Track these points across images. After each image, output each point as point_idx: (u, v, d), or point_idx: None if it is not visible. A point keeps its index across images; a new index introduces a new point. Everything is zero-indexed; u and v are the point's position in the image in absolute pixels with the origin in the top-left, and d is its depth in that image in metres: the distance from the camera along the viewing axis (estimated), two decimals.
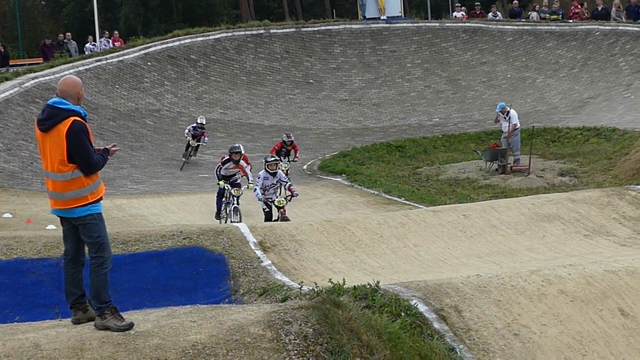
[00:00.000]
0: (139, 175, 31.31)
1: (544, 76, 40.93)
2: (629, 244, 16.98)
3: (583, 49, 41.63)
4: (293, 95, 40.72)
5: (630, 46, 40.42)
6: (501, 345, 11.23)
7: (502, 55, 42.75)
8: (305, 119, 39.15)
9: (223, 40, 42.44)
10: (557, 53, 41.99)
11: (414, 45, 43.53)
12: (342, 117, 39.61)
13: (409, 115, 39.52)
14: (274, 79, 41.49)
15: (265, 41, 43.03)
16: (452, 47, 43.43)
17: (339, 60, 42.85)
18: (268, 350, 9.17)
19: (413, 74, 42.27)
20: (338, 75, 42.23)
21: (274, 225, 17.60)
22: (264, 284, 14.73)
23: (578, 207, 18.47)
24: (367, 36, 44.02)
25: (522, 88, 40.47)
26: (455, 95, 40.82)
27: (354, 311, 10.25)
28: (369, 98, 41.01)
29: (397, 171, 30.31)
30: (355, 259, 16.44)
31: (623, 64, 39.67)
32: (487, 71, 41.97)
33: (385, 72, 42.46)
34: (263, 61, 42.19)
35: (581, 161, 28.52)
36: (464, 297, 11.94)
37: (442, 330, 11.25)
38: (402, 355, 10.00)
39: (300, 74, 41.89)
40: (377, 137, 35.96)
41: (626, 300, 12.10)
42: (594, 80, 39.51)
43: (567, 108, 37.75)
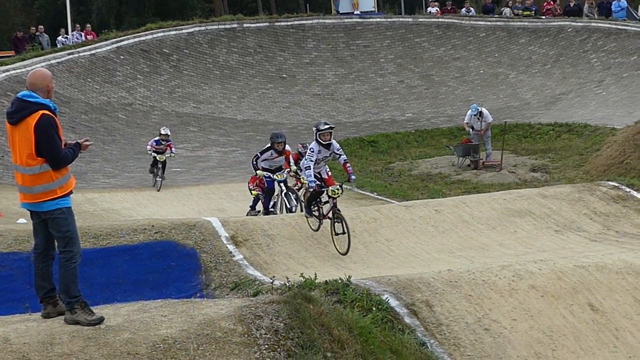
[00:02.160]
0: (111, 169, 31.19)
1: (517, 72, 41.05)
2: (600, 240, 17.07)
3: (555, 45, 41.79)
4: (266, 90, 40.65)
5: (602, 43, 40.61)
6: (472, 340, 11.26)
7: (475, 51, 42.84)
8: (278, 114, 39.09)
9: (196, 34, 42.29)
10: (530, 49, 42.13)
11: (387, 41, 43.55)
12: (315, 111, 39.58)
13: (382, 111, 39.54)
14: (247, 74, 41.40)
15: (239, 35, 42.92)
16: (425, 42, 43.48)
17: (312, 55, 42.81)
18: (239, 345, 9.16)
19: (386, 69, 42.29)
20: (311, 70, 42.19)
21: (245, 220, 17.57)
22: (236, 278, 14.71)
23: (549, 203, 18.55)
24: (340, 31, 43.99)
25: (494, 84, 40.57)
26: (428, 90, 40.87)
27: (325, 306, 10.25)
28: (342, 93, 41.00)
29: (370, 166, 30.33)
30: (327, 253, 16.46)
31: (595, 61, 39.85)
32: (460, 67, 42.04)
33: (359, 67, 42.45)
34: (236, 55, 42.09)
35: (553, 157, 28.63)
36: (435, 292, 11.97)
37: (413, 325, 11.27)
38: (373, 349, 10.00)
39: (273, 69, 41.82)
40: (350, 132, 35.97)
41: (596, 295, 12.16)
42: (566, 76, 39.67)
43: (539, 104, 37.88)
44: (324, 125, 16.99)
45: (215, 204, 24.43)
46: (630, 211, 18.46)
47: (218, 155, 33.60)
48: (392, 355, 10.27)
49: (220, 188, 27.00)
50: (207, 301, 10.61)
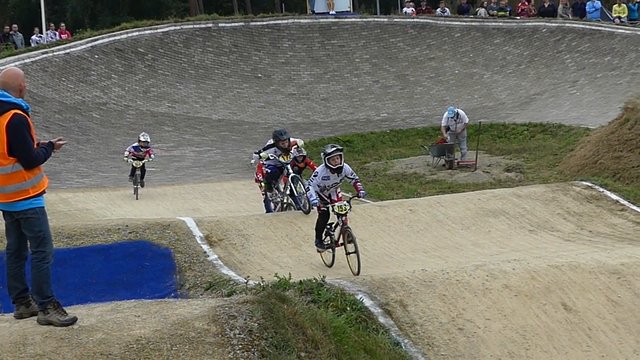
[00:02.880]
0: (85, 168, 31.06)
1: (491, 72, 41.18)
2: (573, 239, 17.15)
3: (530, 45, 41.93)
4: (241, 90, 40.59)
5: (577, 43, 40.78)
6: (446, 340, 11.29)
7: (450, 51, 42.93)
8: (254, 113, 39.05)
9: (171, 34, 42.19)
10: (505, 49, 42.26)
11: (362, 41, 43.58)
12: (291, 111, 39.57)
13: (357, 110, 39.55)
14: (222, 73, 41.33)
15: (214, 35, 42.85)
16: (400, 42, 43.54)
17: (287, 55, 42.78)
18: (212, 345, 9.15)
19: (361, 69, 42.31)
20: (286, 69, 42.17)
21: (220, 220, 17.54)
22: (210, 278, 14.70)
23: (523, 203, 18.62)
24: (315, 31, 43.99)
25: (469, 84, 40.67)
26: (404, 90, 40.92)
27: (299, 306, 10.26)
28: (318, 93, 41.00)
29: None
30: (302, 253, 16.46)
31: (569, 61, 40.02)
32: (435, 67, 42.12)
33: (334, 67, 42.46)
34: (211, 55, 42.01)
35: (527, 157, 28.72)
36: (410, 291, 11.99)
37: (388, 324, 11.29)
38: (347, 349, 10.01)
39: (248, 68, 41.77)
40: (325, 132, 35.96)
41: (569, 295, 12.22)
42: (541, 76, 39.81)
43: (513, 104, 38.00)
44: (331, 148, 15.79)
45: (189, 204, 24.37)
46: (604, 211, 18.56)
47: (193, 155, 33.52)
48: (366, 355, 10.28)
49: (195, 188, 26.95)
50: (181, 301, 10.60)
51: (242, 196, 25.16)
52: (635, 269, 12.74)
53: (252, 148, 33.55)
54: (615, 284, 12.49)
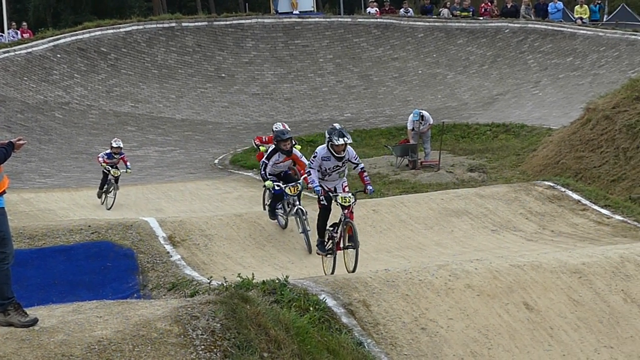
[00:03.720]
0: (47, 169, 30.86)
1: (455, 72, 41.32)
2: (535, 239, 17.25)
3: (493, 46, 42.12)
4: (205, 89, 40.50)
5: (539, 44, 41.01)
6: (409, 339, 11.31)
7: (413, 51, 43.03)
8: (217, 113, 38.97)
9: (134, 33, 42.02)
10: (468, 50, 42.43)
11: (326, 40, 43.60)
12: (254, 111, 39.52)
13: (320, 110, 39.57)
14: (186, 73, 41.22)
15: (177, 34, 42.72)
16: (364, 42, 43.60)
17: (251, 55, 42.73)
18: (175, 346, 9.12)
19: (325, 69, 42.34)
20: (250, 69, 42.11)
21: (183, 220, 17.49)
22: (173, 278, 14.67)
23: (486, 203, 18.70)
24: (279, 30, 43.96)
25: (432, 84, 40.79)
26: (367, 90, 40.98)
27: (262, 306, 10.24)
28: (281, 92, 40.97)
29: None
30: (265, 253, 16.46)
31: (532, 61, 40.24)
32: (399, 67, 42.21)
33: (298, 66, 42.45)
34: (175, 54, 41.88)
35: (490, 157, 28.84)
36: (373, 291, 12.00)
37: (350, 324, 11.30)
38: (310, 349, 10.01)
39: (212, 68, 41.67)
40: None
41: (531, 294, 12.27)
42: (503, 77, 40.01)
43: (476, 104, 38.17)
44: (338, 139, 14.38)
45: (153, 204, 24.27)
46: (566, 211, 18.68)
47: (156, 155, 33.40)
48: (329, 355, 10.28)
49: (159, 188, 26.84)
50: (143, 302, 10.55)
51: (206, 196, 25.09)
52: (596, 269, 12.82)
53: (215, 148, 33.60)
54: (576, 284, 12.56)
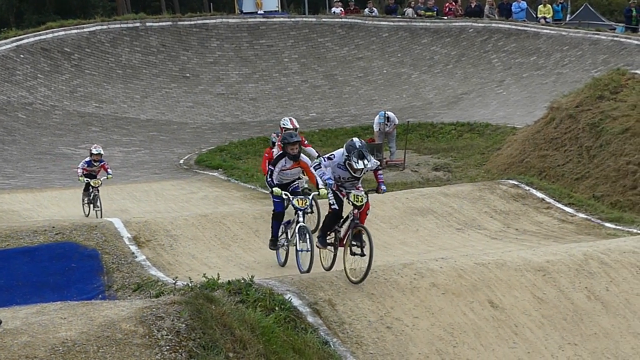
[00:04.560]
0: (10, 169, 30.64)
1: (419, 72, 41.41)
2: (500, 237, 17.33)
3: (457, 45, 42.25)
4: (169, 89, 40.37)
5: (503, 43, 41.19)
6: (374, 338, 11.35)
7: (378, 50, 43.09)
8: (182, 113, 38.85)
9: (98, 33, 41.80)
10: (432, 49, 42.52)
11: (291, 40, 43.58)
12: (219, 111, 39.43)
13: (286, 110, 39.50)
14: (150, 73, 41.06)
15: (142, 34, 42.54)
16: (328, 42, 43.61)
17: (216, 55, 42.62)
18: (140, 347, 9.09)
19: (290, 68, 42.31)
20: (215, 69, 42.00)
21: (148, 220, 17.44)
22: (138, 279, 14.62)
23: (451, 201, 18.77)
24: (244, 30, 43.88)
25: (397, 83, 40.86)
26: (332, 90, 41.00)
27: (228, 306, 10.24)
28: (246, 92, 40.91)
29: None
30: (231, 253, 16.43)
31: (496, 61, 40.41)
32: (364, 66, 42.26)
33: (263, 66, 42.40)
34: (139, 55, 41.70)
35: (455, 156, 28.94)
36: (338, 290, 12.03)
37: (316, 324, 11.32)
38: (275, 349, 10.02)
39: (176, 68, 41.54)
40: (254, 132, 35.89)
41: (496, 292, 12.34)
42: (468, 76, 40.15)
43: (441, 103, 38.28)
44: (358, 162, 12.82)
45: (117, 205, 24.14)
46: (530, 209, 18.78)
47: (121, 156, 33.23)
48: (295, 354, 10.29)
49: (123, 189, 26.70)
50: (108, 303, 10.52)
51: (171, 197, 25.01)
52: (560, 266, 12.91)
53: (180, 148, 33.47)
54: (540, 281, 12.64)
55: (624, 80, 24.74)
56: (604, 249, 13.52)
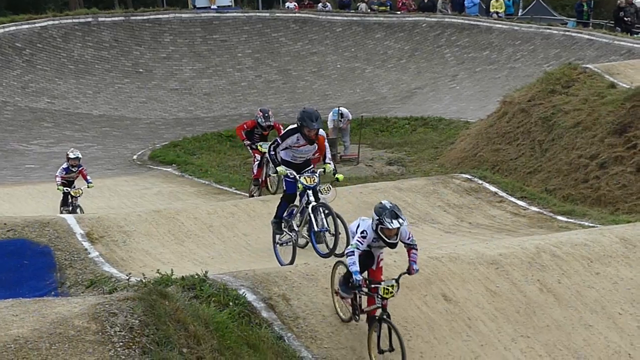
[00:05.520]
0: None
1: (373, 66, 41.50)
2: (453, 231, 17.40)
3: (410, 40, 42.37)
4: (122, 85, 40.15)
5: (456, 38, 41.37)
6: (329, 332, 11.36)
7: (331, 45, 43.12)
8: (135, 109, 38.66)
9: (50, 28, 41.46)
10: (386, 44, 42.63)
11: (244, 35, 43.49)
12: (173, 106, 39.29)
13: (240, 105, 39.47)
14: (103, 68, 40.81)
15: (94, 29, 42.26)
16: (282, 37, 43.58)
17: (169, 50, 42.45)
18: (93, 343, 9.04)
19: (244, 63, 42.24)
20: (168, 64, 41.84)
21: (101, 217, 17.33)
22: (92, 275, 14.53)
23: (404, 196, 18.80)
24: (197, 25, 43.73)
25: (351, 78, 40.92)
26: (286, 85, 40.99)
27: (181, 301, 10.21)
28: (200, 87, 40.79)
29: (228, 161, 30.23)
30: (185, 249, 16.37)
31: (449, 55, 40.59)
32: (317, 61, 42.28)
33: (216, 61, 42.29)
34: (91, 50, 41.44)
35: (409, 150, 29.04)
36: (292, 285, 12.02)
37: (271, 318, 11.31)
38: (229, 344, 10.01)
39: (129, 63, 41.32)
40: (208, 127, 35.79)
41: (449, 285, 12.39)
42: (421, 71, 40.29)
43: (395, 98, 38.39)
44: (392, 222, 11.24)
45: None
46: (483, 203, 18.87)
47: None
48: (249, 349, 10.29)
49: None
50: (60, 299, 10.45)
51: (124, 192, 24.89)
52: (513, 260, 13.00)
53: (133, 144, 33.30)
54: (493, 275, 12.71)
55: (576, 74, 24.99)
56: (556, 242, 13.62)
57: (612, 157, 21.48)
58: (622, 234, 13.97)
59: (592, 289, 12.65)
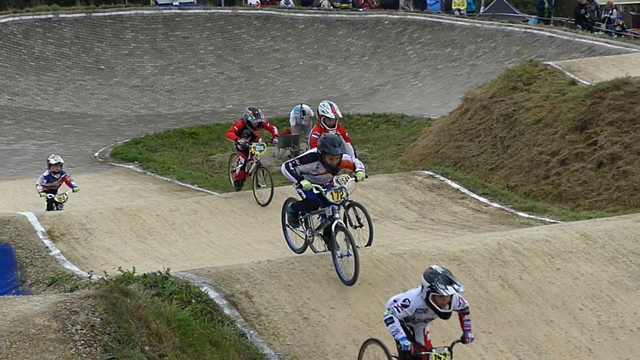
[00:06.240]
0: None
1: (335, 63, 41.52)
2: (416, 228, 17.46)
3: (373, 37, 42.41)
4: (84, 82, 39.91)
5: (418, 35, 41.46)
6: (291, 329, 11.37)
7: (294, 42, 43.09)
8: (97, 106, 38.46)
9: (10, 25, 41.15)
10: (348, 41, 42.65)
11: (207, 32, 43.36)
12: (135, 103, 39.13)
13: (202, 102, 39.38)
14: (64, 65, 40.56)
15: (55, 26, 41.99)
16: (244, 34, 43.49)
17: (130, 46, 42.24)
18: (54, 341, 9.00)
19: (206, 60, 42.12)
20: (130, 61, 41.64)
21: (63, 214, 17.27)
22: (53, 273, 14.48)
23: (367, 192, 18.82)
24: (159, 22, 43.54)
25: (314, 75, 40.92)
26: (249, 82, 40.92)
27: (143, 299, 10.18)
28: (162, 84, 40.63)
29: (191, 158, 30.18)
30: (147, 246, 16.35)
31: (411, 52, 40.68)
32: (280, 58, 42.24)
33: (178, 58, 42.14)
34: (52, 46, 41.16)
35: (371, 147, 29.09)
36: (255, 282, 12.02)
37: (233, 316, 11.31)
38: (192, 342, 9.99)
39: (91, 60, 41.08)
40: (170, 124, 35.69)
41: (411, 282, 12.41)
42: (384, 68, 40.35)
43: (357, 95, 38.43)
44: (446, 288, 10.00)
45: (31, 199, 23.79)
46: (445, 199, 18.95)
47: (34, 149, 32.81)
48: (212, 347, 10.28)
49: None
50: (21, 298, 10.39)
51: (86, 190, 24.71)
52: (475, 256, 13.06)
53: (95, 141, 33.15)
54: (455, 271, 12.70)
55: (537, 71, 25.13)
56: (517, 238, 13.70)
57: (573, 154, 21.62)
58: (582, 229, 14.07)
59: (553, 284, 12.73)
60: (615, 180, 20.58)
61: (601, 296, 12.65)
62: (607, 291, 12.74)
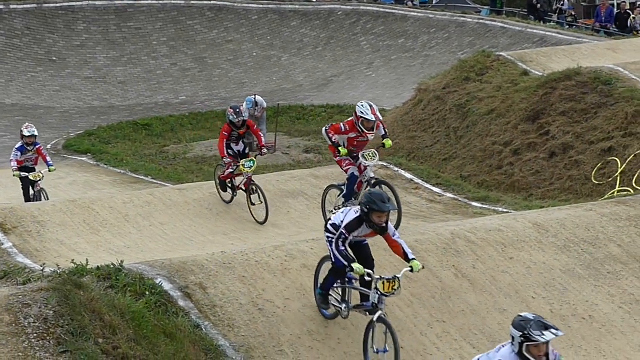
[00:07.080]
0: None
1: (289, 55, 41.52)
2: None
3: (326, 28, 42.46)
4: (35, 73, 39.62)
5: (371, 26, 41.56)
6: (246, 321, 11.36)
7: (247, 33, 43.03)
8: (49, 98, 38.20)
9: None
10: (301, 32, 42.66)
11: (159, 23, 43.18)
12: (87, 95, 38.90)
13: (155, 94, 39.24)
14: (15, 57, 40.23)
15: (5, 17, 41.62)
16: (197, 25, 43.36)
17: (82, 38, 41.97)
18: (6, 335, 8.94)
19: (159, 51, 41.95)
20: (82, 52, 41.39)
21: (15, 207, 17.12)
22: (5, 267, 14.36)
23: (321, 183, 18.84)
24: (111, 13, 43.30)
25: (267, 66, 40.91)
26: (202, 73, 40.82)
27: (97, 292, 10.13)
28: (115, 76, 40.43)
29: (144, 150, 30.06)
30: (100, 239, 16.27)
31: (364, 43, 40.76)
32: (233, 49, 42.17)
33: (131, 49, 41.94)
34: (3, 38, 40.81)
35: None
36: (209, 274, 11.99)
37: (188, 307, 11.27)
38: (146, 334, 9.96)
39: (42, 51, 40.78)
40: (123, 116, 35.53)
41: None
42: (337, 59, 40.41)
43: (311, 86, 38.47)
44: (541, 335, 8.54)
45: None
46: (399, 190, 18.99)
47: None
48: (166, 339, 10.24)
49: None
50: None
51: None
52: (428, 246, 13.11)
53: (47, 133, 32.87)
54: None
55: (489, 62, 25.22)
56: (470, 228, 13.77)
57: (526, 144, 21.75)
58: (535, 219, 14.16)
59: (506, 273, 12.81)
60: (567, 170, 20.73)
61: (553, 285, 12.75)
62: (560, 280, 12.84)
